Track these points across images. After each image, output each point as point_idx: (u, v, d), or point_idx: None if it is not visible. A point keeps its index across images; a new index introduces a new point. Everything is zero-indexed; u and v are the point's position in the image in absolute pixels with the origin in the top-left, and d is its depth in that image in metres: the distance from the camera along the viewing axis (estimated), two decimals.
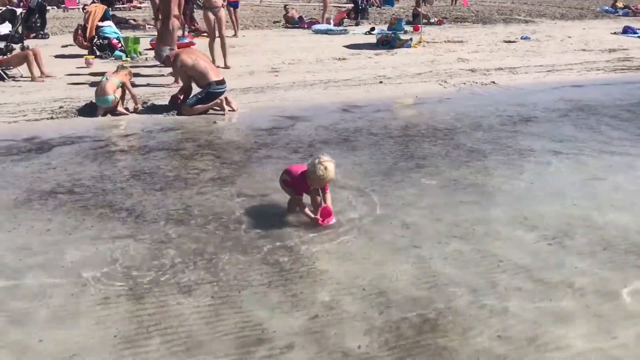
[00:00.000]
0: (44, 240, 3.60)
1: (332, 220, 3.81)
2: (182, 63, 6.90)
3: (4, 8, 13.03)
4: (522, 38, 14.09)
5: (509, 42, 13.56)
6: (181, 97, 7.00)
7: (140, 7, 35.22)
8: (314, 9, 31.10)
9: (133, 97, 7.10)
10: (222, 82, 6.95)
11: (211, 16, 9.70)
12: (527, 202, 4.24)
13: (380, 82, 8.80)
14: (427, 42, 13.31)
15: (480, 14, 24.07)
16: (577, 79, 9.22)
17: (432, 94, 8.02)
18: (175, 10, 8.32)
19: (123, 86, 6.93)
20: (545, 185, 4.61)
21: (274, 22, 21.51)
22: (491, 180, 4.69)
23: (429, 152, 5.41)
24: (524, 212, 4.04)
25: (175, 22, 8.39)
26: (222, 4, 9.96)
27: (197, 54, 7.24)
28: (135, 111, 6.94)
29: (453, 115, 6.79)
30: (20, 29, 11.87)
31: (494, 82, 8.68)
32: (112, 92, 6.71)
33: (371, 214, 4.01)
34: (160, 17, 8.53)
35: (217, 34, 9.76)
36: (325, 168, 3.65)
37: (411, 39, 12.93)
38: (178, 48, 8.31)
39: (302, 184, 3.82)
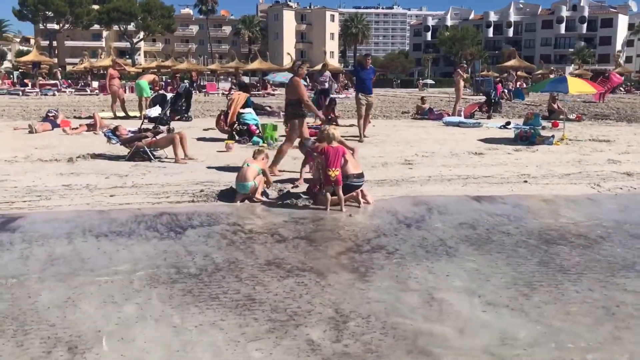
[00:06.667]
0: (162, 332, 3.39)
1: None
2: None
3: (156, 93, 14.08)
4: None
5: None
6: (317, 188, 6.88)
7: (273, 94, 37.34)
8: (441, 100, 31.18)
9: (268, 182, 7.16)
10: (360, 176, 6.76)
11: (363, 101, 12.22)
12: None
13: (525, 181, 8.21)
14: (570, 140, 12.55)
15: (622, 112, 22.74)
16: None
17: (584, 198, 7.30)
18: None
19: (263, 172, 6.98)
20: None
21: (402, 112, 21.66)
22: None
23: (584, 265, 4.72)
24: None
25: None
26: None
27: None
28: (265, 195, 6.91)
29: (615, 224, 6.03)
30: (168, 112, 12.67)
31: None
32: (253, 179, 6.74)
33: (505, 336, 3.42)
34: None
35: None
36: None
37: (553, 136, 12.24)
38: (310, 135, 8.55)
39: None
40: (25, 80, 41.77)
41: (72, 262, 4.61)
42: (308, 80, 14.41)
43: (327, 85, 16.26)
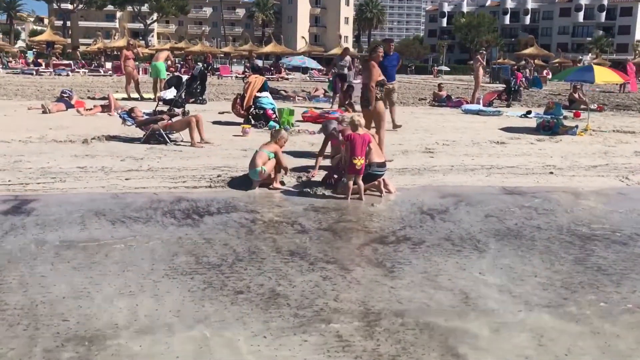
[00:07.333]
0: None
1: None
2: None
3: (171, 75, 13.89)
4: None
5: None
6: (336, 176, 6.67)
7: (287, 79, 37.00)
8: (457, 87, 30.75)
9: (283, 168, 6.78)
10: (382, 165, 6.54)
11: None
12: None
13: (551, 172, 7.96)
14: (594, 131, 12.23)
15: None
16: None
17: (614, 192, 7.04)
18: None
19: (276, 157, 6.67)
20: None
21: (419, 99, 21.31)
22: None
23: (622, 264, 4.48)
24: None
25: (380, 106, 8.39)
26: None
27: None
28: (282, 184, 6.70)
29: None
30: (183, 95, 12.46)
31: None
32: (261, 164, 6.44)
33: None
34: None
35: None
36: None
37: (577, 126, 11.93)
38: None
39: None
40: (39, 60, 41.73)
41: (87, 249, 4.44)
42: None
43: (346, 70, 16.02)
